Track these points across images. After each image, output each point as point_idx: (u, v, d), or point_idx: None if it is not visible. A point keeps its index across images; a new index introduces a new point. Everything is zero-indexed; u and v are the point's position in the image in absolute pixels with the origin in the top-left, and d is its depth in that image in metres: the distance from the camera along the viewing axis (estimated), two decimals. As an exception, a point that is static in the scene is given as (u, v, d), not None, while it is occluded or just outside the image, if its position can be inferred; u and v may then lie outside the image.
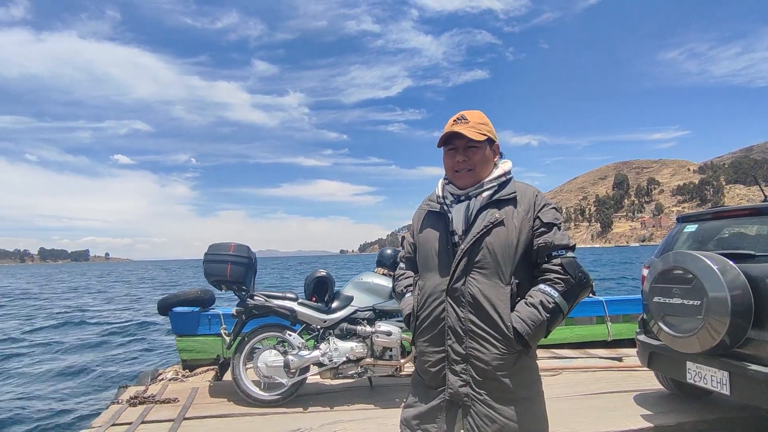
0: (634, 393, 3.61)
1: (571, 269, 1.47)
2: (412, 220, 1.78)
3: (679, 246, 3.27)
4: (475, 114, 1.59)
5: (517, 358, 1.46)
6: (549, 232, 1.50)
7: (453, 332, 1.49)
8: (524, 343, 1.45)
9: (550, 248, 1.49)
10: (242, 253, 3.69)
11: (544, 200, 1.55)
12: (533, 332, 1.43)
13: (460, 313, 1.48)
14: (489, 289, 1.46)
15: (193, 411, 3.39)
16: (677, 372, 2.99)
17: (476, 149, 1.55)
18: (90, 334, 10.81)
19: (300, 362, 3.54)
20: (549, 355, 4.78)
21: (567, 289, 1.46)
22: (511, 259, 1.48)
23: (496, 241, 1.47)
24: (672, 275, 2.84)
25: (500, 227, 1.49)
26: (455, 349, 1.48)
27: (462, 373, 1.48)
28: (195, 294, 4.49)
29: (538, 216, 1.52)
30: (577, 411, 3.26)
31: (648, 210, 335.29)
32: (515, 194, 1.54)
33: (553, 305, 1.44)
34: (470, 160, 1.56)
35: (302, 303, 3.74)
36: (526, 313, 1.44)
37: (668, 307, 2.83)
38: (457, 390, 1.48)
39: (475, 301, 1.46)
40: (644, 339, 3.24)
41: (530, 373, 1.52)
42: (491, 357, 1.44)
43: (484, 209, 1.53)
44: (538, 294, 1.46)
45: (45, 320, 13.50)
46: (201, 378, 4.26)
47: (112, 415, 3.31)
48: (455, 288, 1.49)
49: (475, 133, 1.54)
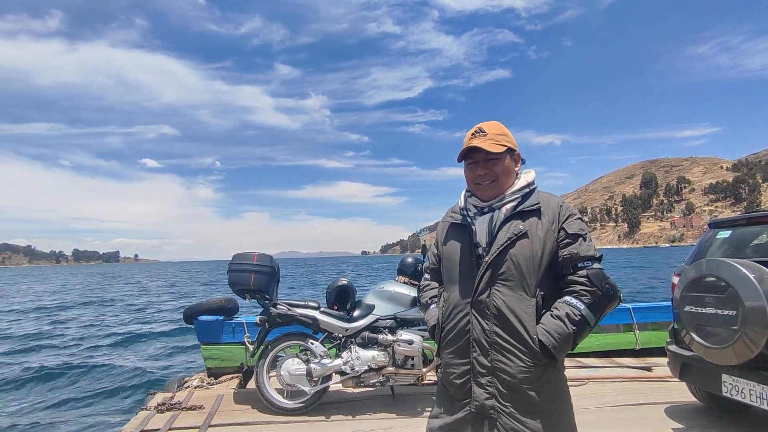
0: (665, 405, 3.48)
1: (598, 281, 1.45)
2: (437, 232, 1.79)
3: (712, 253, 3.15)
4: (493, 125, 1.59)
5: (543, 370, 1.45)
6: (574, 243, 1.48)
7: (478, 345, 1.49)
8: (550, 356, 1.44)
9: (576, 259, 1.48)
10: (265, 263, 3.73)
11: (569, 210, 1.54)
12: (559, 345, 1.42)
13: (485, 325, 1.48)
14: (514, 301, 1.46)
15: (219, 418, 3.44)
16: (712, 385, 2.87)
17: (496, 161, 1.55)
18: (120, 338, 11.14)
19: (322, 371, 3.55)
20: (574, 364, 4.66)
21: (594, 301, 1.44)
22: (535, 270, 1.47)
23: (520, 253, 1.47)
24: (705, 283, 2.73)
25: (524, 239, 1.48)
26: (480, 362, 1.48)
27: (488, 385, 1.47)
28: (219, 303, 4.56)
29: (563, 227, 1.50)
30: (605, 423, 3.16)
31: (678, 209, 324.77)
32: (539, 205, 1.53)
33: (579, 317, 1.43)
34: (491, 172, 1.56)
35: (324, 312, 3.76)
36: (551, 325, 1.44)
37: (701, 317, 2.72)
38: (482, 402, 1.47)
39: (500, 313, 1.46)
40: (675, 349, 3.13)
41: (557, 385, 1.50)
42: (517, 370, 1.43)
43: (507, 221, 1.53)
44: (563, 306, 1.45)
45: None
46: (225, 385, 4.32)
47: (140, 421, 3.39)
48: (480, 300, 1.49)
49: (493, 145, 1.53)
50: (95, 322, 14.51)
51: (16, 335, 11.86)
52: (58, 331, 12.47)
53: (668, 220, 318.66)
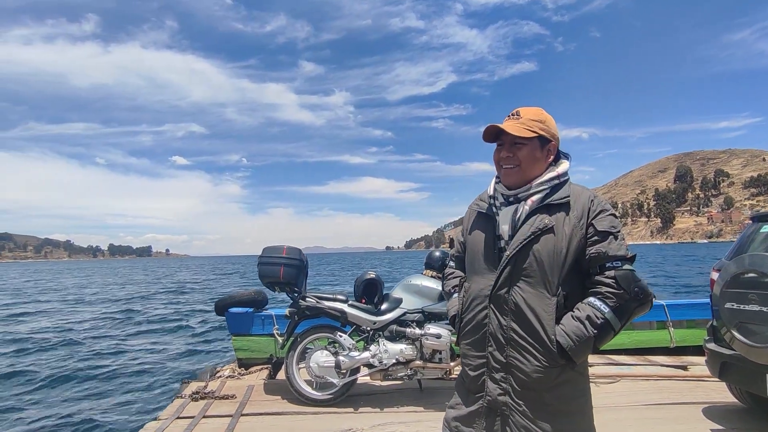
0: (702, 405, 3.37)
1: (626, 283, 1.35)
2: (463, 218, 1.73)
3: (755, 248, 3.01)
4: (531, 110, 1.52)
5: (560, 372, 1.38)
6: (603, 241, 1.39)
7: (494, 339, 1.44)
8: (567, 358, 1.37)
9: (604, 259, 1.39)
10: (294, 256, 3.80)
11: (601, 206, 1.43)
12: (577, 348, 1.35)
13: (503, 320, 1.43)
14: (534, 298, 1.39)
15: (250, 408, 3.53)
16: (755, 385, 2.75)
17: (521, 146, 1.48)
18: (156, 328, 11.55)
19: (350, 363, 3.59)
20: (605, 361, 4.56)
21: (620, 304, 1.35)
22: (558, 268, 1.39)
23: (543, 249, 1.39)
24: (747, 279, 2.63)
25: (549, 234, 1.40)
26: (496, 357, 1.44)
27: (501, 381, 1.43)
28: (249, 295, 4.66)
29: (592, 223, 1.41)
30: (638, 422, 3.09)
31: (716, 204, 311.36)
32: (568, 198, 1.44)
33: (602, 321, 1.34)
34: (514, 157, 1.49)
35: (352, 305, 3.80)
36: (571, 327, 1.36)
37: (743, 314, 2.62)
38: (495, 398, 1.44)
39: (518, 309, 1.40)
40: (714, 347, 3.01)
41: (575, 387, 1.42)
42: (532, 369, 1.38)
43: (533, 214, 1.44)
44: (586, 308, 1.37)
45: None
46: (256, 376, 4.43)
47: (176, 408, 3.52)
48: (499, 295, 1.43)
49: (522, 129, 1.46)
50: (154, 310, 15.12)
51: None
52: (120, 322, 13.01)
53: (705, 215, 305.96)
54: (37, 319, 13.94)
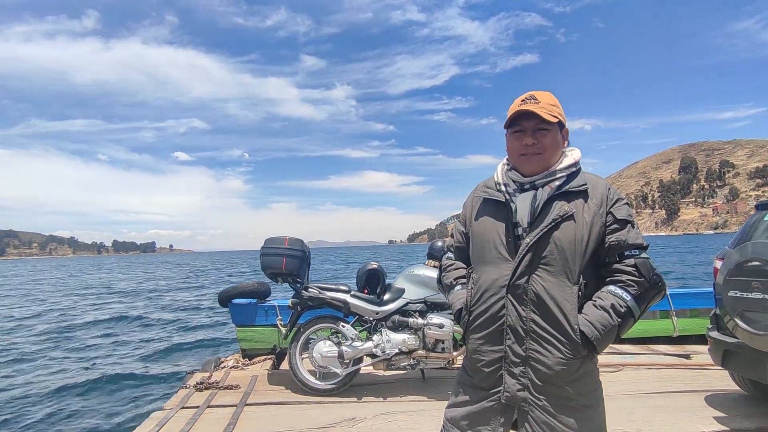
0: (705, 393, 3.37)
1: (646, 271, 1.35)
2: (463, 207, 1.65)
3: (758, 236, 2.99)
4: (546, 95, 1.46)
5: (581, 363, 1.36)
6: (623, 229, 1.38)
7: (513, 332, 1.38)
8: (591, 348, 1.34)
9: (624, 247, 1.37)
10: (297, 247, 3.81)
11: (617, 194, 1.42)
12: (602, 337, 1.32)
13: (522, 312, 1.36)
14: (555, 287, 1.35)
15: (254, 397, 3.56)
16: (757, 372, 2.75)
17: (547, 132, 1.42)
18: (159, 321, 11.63)
19: (353, 353, 3.61)
20: (608, 350, 4.56)
21: (641, 292, 1.34)
22: (580, 256, 1.36)
23: (564, 237, 1.36)
24: (751, 267, 2.61)
25: (570, 221, 1.36)
26: (515, 351, 1.37)
27: (521, 376, 1.37)
28: (252, 286, 4.68)
29: (611, 211, 1.39)
30: (642, 410, 3.09)
31: (721, 195, 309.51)
32: (586, 186, 1.41)
33: (625, 309, 1.33)
34: (540, 143, 1.43)
35: (355, 295, 3.81)
36: (595, 316, 1.33)
37: (746, 302, 2.61)
38: (514, 393, 1.38)
39: (539, 300, 1.35)
40: (717, 336, 3.01)
41: (592, 379, 1.41)
42: (554, 361, 1.33)
43: (552, 201, 1.40)
44: (609, 296, 1.35)
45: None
46: (260, 366, 4.46)
47: (181, 398, 3.55)
48: (518, 285, 1.37)
49: (547, 113, 1.41)
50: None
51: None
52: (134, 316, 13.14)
53: (710, 206, 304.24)
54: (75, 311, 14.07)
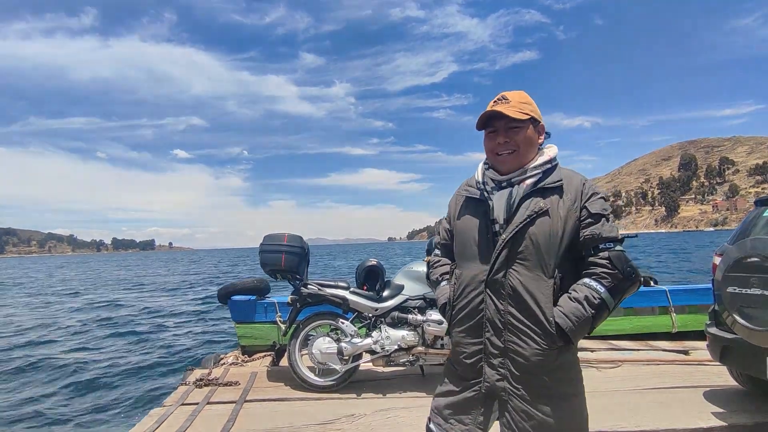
0: (703, 389, 3.38)
1: (620, 263, 1.39)
2: (448, 206, 1.72)
3: (757, 232, 2.99)
4: (517, 94, 1.52)
5: (558, 354, 1.40)
6: (597, 223, 1.42)
7: (492, 325, 1.44)
8: (566, 340, 1.39)
9: (598, 240, 1.41)
10: (296, 243, 3.81)
11: (593, 189, 1.46)
12: (576, 329, 1.37)
13: (500, 305, 1.42)
14: (531, 281, 1.40)
15: (254, 394, 3.56)
16: (755, 368, 2.76)
17: (518, 129, 1.47)
18: (158, 318, 11.64)
19: (353, 349, 3.61)
20: (607, 346, 4.58)
21: (614, 284, 1.38)
22: (555, 251, 1.41)
23: (539, 232, 1.40)
24: (749, 263, 2.61)
25: (544, 217, 1.41)
26: (493, 343, 1.44)
27: (500, 367, 1.43)
28: (252, 283, 4.69)
29: (585, 206, 1.43)
30: (640, 405, 3.10)
31: (720, 192, 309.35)
32: (561, 182, 1.45)
33: (599, 301, 1.37)
34: (512, 141, 1.48)
35: (354, 292, 3.81)
36: (569, 308, 1.38)
37: (745, 298, 2.61)
38: (493, 384, 1.44)
39: (516, 293, 1.41)
40: (716, 332, 3.02)
41: (570, 369, 1.45)
42: (531, 352, 1.39)
43: (527, 197, 1.45)
44: (583, 289, 1.39)
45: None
46: (259, 363, 4.47)
47: (180, 395, 3.56)
48: (495, 279, 1.43)
49: (516, 112, 1.46)
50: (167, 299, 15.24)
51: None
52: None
53: (710, 203, 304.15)
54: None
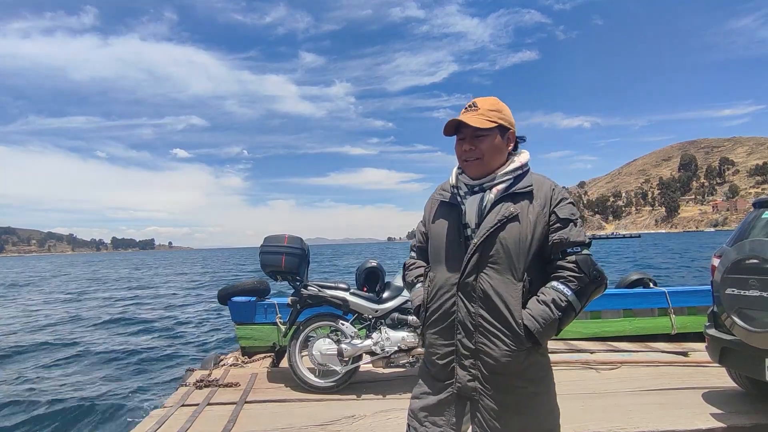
0: (702, 390, 3.39)
1: (586, 267, 1.43)
2: (424, 209, 1.75)
3: (756, 234, 3.00)
4: (488, 101, 1.55)
5: (527, 354, 1.44)
6: (565, 228, 1.46)
7: (463, 327, 1.48)
8: (534, 341, 1.43)
9: (566, 245, 1.45)
10: (296, 245, 3.81)
11: (562, 194, 1.50)
12: (544, 330, 1.41)
13: (471, 308, 1.46)
14: (501, 285, 1.44)
15: (254, 395, 3.57)
16: (754, 370, 2.77)
17: (483, 138, 1.51)
18: (157, 319, 11.64)
19: (353, 351, 3.62)
20: (606, 348, 4.58)
21: (581, 287, 1.43)
22: (524, 255, 1.45)
23: (509, 237, 1.44)
24: (748, 265, 2.63)
25: (514, 222, 1.45)
26: (464, 344, 1.47)
27: (471, 367, 1.47)
28: (252, 284, 4.69)
29: (554, 211, 1.47)
30: (639, 407, 3.11)
31: (720, 192, 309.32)
32: (531, 188, 1.49)
33: (565, 304, 1.41)
34: (477, 149, 1.52)
35: (354, 293, 3.82)
36: (537, 310, 1.42)
37: (744, 300, 2.63)
38: (465, 384, 1.47)
39: (486, 296, 1.44)
40: (715, 333, 3.03)
41: (540, 369, 1.49)
42: (500, 353, 1.43)
43: (498, 203, 1.49)
44: (550, 292, 1.44)
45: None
46: (259, 364, 4.47)
47: (181, 396, 3.56)
48: (467, 283, 1.47)
49: (482, 120, 1.50)
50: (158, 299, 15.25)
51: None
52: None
53: (710, 203, 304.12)
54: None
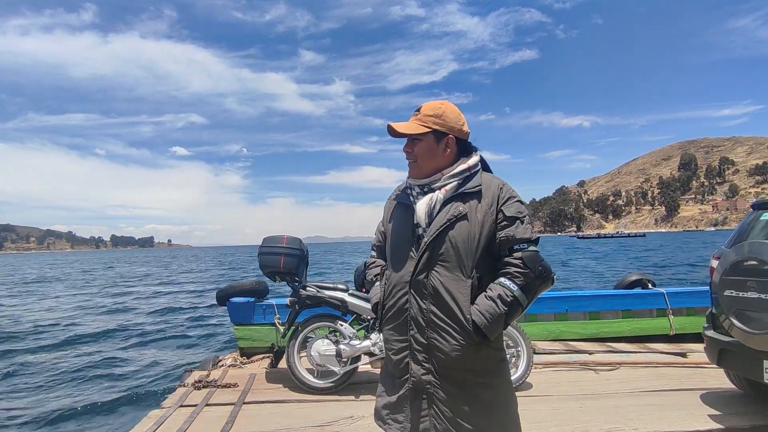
0: (700, 391, 3.39)
1: (531, 263, 1.48)
2: (384, 209, 1.81)
3: (755, 235, 3.00)
4: (430, 105, 1.61)
5: (477, 349, 1.49)
6: (511, 225, 1.51)
7: (415, 323, 1.53)
8: (482, 336, 1.47)
9: (512, 242, 1.50)
10: (295, 245, 3.81)
11: (509, 193, 1.55)
12: (490, 325, 1.46)
13: (422, 304, 1.51)
14: (451, 282, 1.49)
15: (252, 396, 3.57)
16: (752, 371, 2.77)
17: (417, 142, 1.59)
18: (157, 319, 11.64)
19: (351, 351, 3.62)
20: (605, 348, 4.58)
21: (526, 282, 1.47)
22: (473, 252, 1.50)
23: (458, 235, 1.49)
24: (747, 267, 2.63)
25: (463, 221, 1.50)
26: (417, 339, 1.53)
27: (424, 362, 1.52)
28: (250, 285, 4.69)
29: (501, 209, 1.52)
30: (637, 408, 3.11)
31: (720, 192, 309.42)
32: (480, 187, 1.55)
33: (511, 299, 1.46)
34: (412, 152, 1.60)
35: (353, 294, 3.81)
36: (484, 306, 1.47)
37: (742, 301, 2.63)
38: (420, 378, 1.52)
39: (436, 293, 1.50)
40: (713, 334, 3.03)
41: (493, 361, 1.54)
42: (450, 348, 1.48)
43: (448, 203, 1.55)
44: (497, 287, 1.48)
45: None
46: (258, 365, 4.47)
47: (179, 397, 3.56)
48: (418, 280, 1.52)
49: (415, 125, 1.58)
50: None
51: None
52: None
53: (710, 203, 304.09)
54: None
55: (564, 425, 2.86)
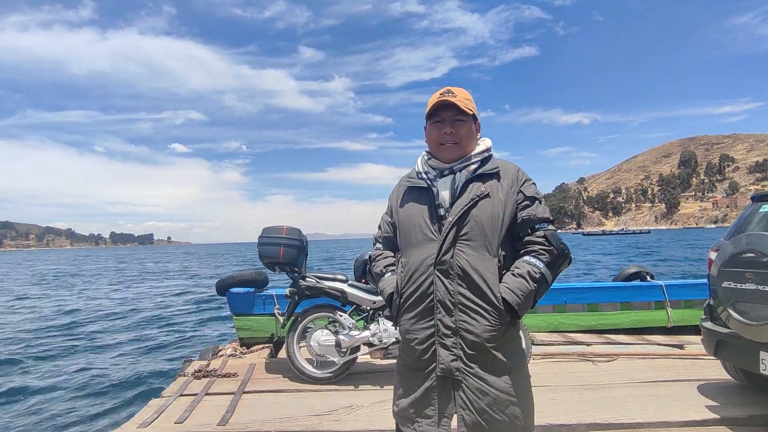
0: (698, 382, 3.41)
1: (554, 241, 1.52)
2: (388, 200, 1.79)
3: (753, 227, 3.01)
4: (461, 90, 1.63)
5: (506, 329, 1.49)
6: (532, 205, 1.55)
7: (443, 305, 1.49)
8: (513, 314, 1.48)
9: (534, 221, 1.54)
10: (294, 236, 3.82)
11: (525, 176, 1.60)
12: (523, 302, 1.47)
13: (450, 286, 1.48)
14: (477, 260, 1.48)
15: (252, 385, 3.59)
16: (749, 362, 2.79)
17: (463, 122, 1.59)
18: (157, 310, 11.67)
19: (351, 342, 3.63)
20: (603, 340, 4.60)
21: (551, 259, 1.51)
22: (498, 231, 1.51)
23: (483, 214, 1.50)
24: (745, 259, 2.64)
25: (486, 199, 1.52)
26: (445, 323, 1.49)
27: (453, 347, 1.48)
28: (250, 275, 4.70)
29: (522, 190, 1.56)
30: (635, 399, 3.13)
31: (720, 189, 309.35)
32: (498, 169, 1.58)
33: (539, 275, 1.48)
34: (457, 134, 1.59)
35: (352, 284, 3.82)
36: (514, 284, 1.47)
37: (740, 293, 2.64)
38: (448, 365, 1.48)
39: (464, 273, 1.48)
40: (710, 326, 3.04)
41: (517, 344, 1.56)
42: (482, 329, 1.46)
43: (469, 182, 1.56)
44: (524, 265, 1.50)
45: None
46: (257, 355, 4.49)
47: (179, 386, 3.58)
48: (444, 261, 1.49)
49: (464, 106, 1.58)
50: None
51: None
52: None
53: (710, 200, 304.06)
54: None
55: (562, 415, 2.88)
